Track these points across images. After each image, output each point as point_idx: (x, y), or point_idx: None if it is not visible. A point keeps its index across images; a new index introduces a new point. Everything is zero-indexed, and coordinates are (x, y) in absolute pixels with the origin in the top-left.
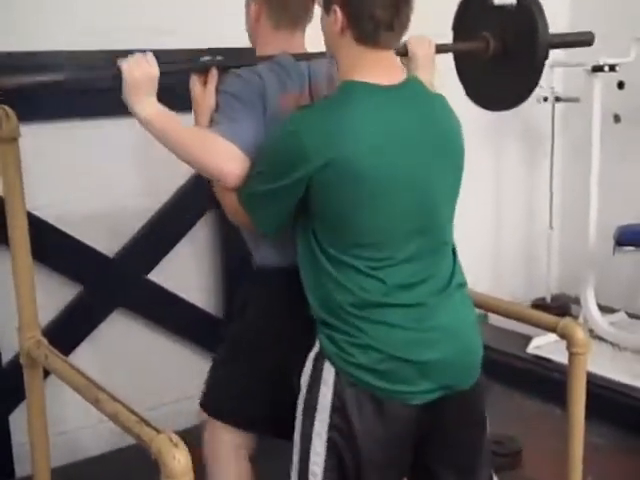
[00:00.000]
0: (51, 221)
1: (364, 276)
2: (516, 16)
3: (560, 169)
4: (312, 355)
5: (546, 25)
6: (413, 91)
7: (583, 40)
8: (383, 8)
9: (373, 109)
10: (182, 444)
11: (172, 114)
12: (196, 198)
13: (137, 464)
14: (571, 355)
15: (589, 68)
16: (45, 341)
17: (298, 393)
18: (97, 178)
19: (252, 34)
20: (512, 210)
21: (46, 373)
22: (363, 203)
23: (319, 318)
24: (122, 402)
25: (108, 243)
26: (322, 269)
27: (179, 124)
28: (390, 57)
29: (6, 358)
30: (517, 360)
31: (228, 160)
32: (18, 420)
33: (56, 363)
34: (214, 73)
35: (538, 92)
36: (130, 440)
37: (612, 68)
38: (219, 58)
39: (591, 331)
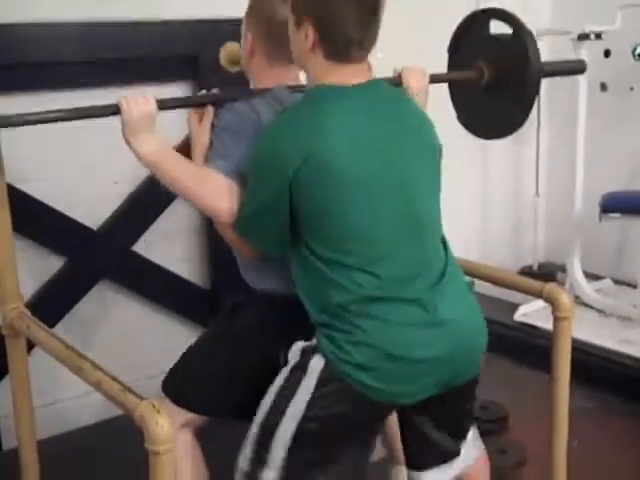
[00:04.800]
0: (35, 195)
1: (356, 271)
2: (510, 46)
3: (547, 137)
4: (302, 345)
5: (538, 55)
6: (379, 87)
7: (575, 68)
8: (354, 27)
9: (344, 106)
10: (165, 410)
11: (170, 151)
12: None
13: (123, 435)
14: (556, 319)
15: (575, 36)
16: (28, 312)
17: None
18: (83, 152)
19: (247, 67)
20: (499, 178)
21: (30, 346)
22: (344, 198)
23: (318, 322)
24: (105, 370)
25: (92, 216)
26: (315, 271)
27: (176, 161)
28: (358, 67)
29: None
30: (504, 327)
31: (220, 196)
32: (2, 392)
33: (38, 333)
34: (210, 110)
35: None
36: (116, 411)
37: (598, 36)
38: (214, 91)
39: (577, 298)
